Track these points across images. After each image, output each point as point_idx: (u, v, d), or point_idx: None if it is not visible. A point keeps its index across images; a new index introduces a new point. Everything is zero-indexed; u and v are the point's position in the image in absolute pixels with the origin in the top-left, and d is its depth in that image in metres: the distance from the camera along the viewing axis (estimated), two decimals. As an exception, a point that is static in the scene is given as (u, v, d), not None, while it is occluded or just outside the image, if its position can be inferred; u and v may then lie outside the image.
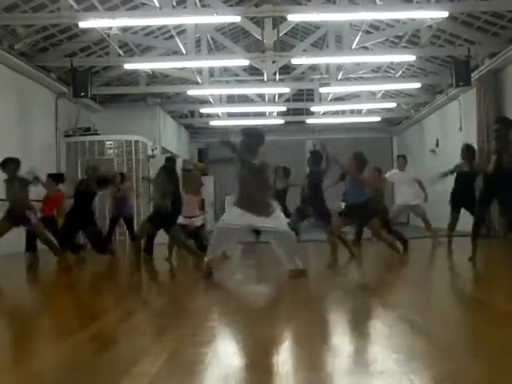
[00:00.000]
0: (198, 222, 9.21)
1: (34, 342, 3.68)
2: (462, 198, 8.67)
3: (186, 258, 8.89)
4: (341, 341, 3.43)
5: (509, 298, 4.64)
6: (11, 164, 8.26)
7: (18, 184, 8.22)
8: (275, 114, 19.00)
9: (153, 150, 16.04)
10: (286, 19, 12.26)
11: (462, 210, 8.77)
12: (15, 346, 3.56)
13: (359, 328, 3.80)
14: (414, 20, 12.20)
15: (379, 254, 9.08)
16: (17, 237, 8.73)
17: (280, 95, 17.26)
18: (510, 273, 6.47)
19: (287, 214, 8.26)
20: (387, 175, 10.58)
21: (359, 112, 19.72)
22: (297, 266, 6.13)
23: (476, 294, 5.17)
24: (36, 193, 9.14)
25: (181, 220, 8.67)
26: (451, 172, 8.97)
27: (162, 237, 8.69)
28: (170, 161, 8.86)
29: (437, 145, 17.54)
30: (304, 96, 19.58)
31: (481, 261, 7.17)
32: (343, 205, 8.85)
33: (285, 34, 13.99)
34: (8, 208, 8.29)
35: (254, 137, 6.22)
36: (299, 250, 6.61)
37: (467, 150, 8.53)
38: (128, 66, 13.65)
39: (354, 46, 12.91)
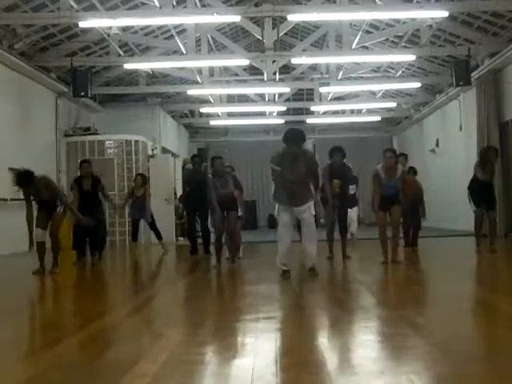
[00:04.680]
0: None
1: (35, 341, 3.68)
2: None
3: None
4: (341, 341, 3.42)
5: (511, 300, 4.64)
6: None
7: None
8: (275, 113, 18.99)
9: (153, 150, 16.02)
10: (285, 19, 12.24)
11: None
12: (15, 347, 3.56)
13: (359, 328, 3.80)
14: (414, 20, 12.18)
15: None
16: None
17: (280, 95, 17.25)
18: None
19: None
20: None
21: (359, 112, 19.71)
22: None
23: (478, 296, 5.17)
24: None
25: None
26: None
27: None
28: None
29: (437, 144, 17.54)
30: (304, 96, 19.57)
31: (483, 261, 7.16)
32: None
33: (285, 33, 13.98)
34: None
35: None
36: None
37: None
38: (128, 66, 13.64)
39: (353, 46, 12.90)
